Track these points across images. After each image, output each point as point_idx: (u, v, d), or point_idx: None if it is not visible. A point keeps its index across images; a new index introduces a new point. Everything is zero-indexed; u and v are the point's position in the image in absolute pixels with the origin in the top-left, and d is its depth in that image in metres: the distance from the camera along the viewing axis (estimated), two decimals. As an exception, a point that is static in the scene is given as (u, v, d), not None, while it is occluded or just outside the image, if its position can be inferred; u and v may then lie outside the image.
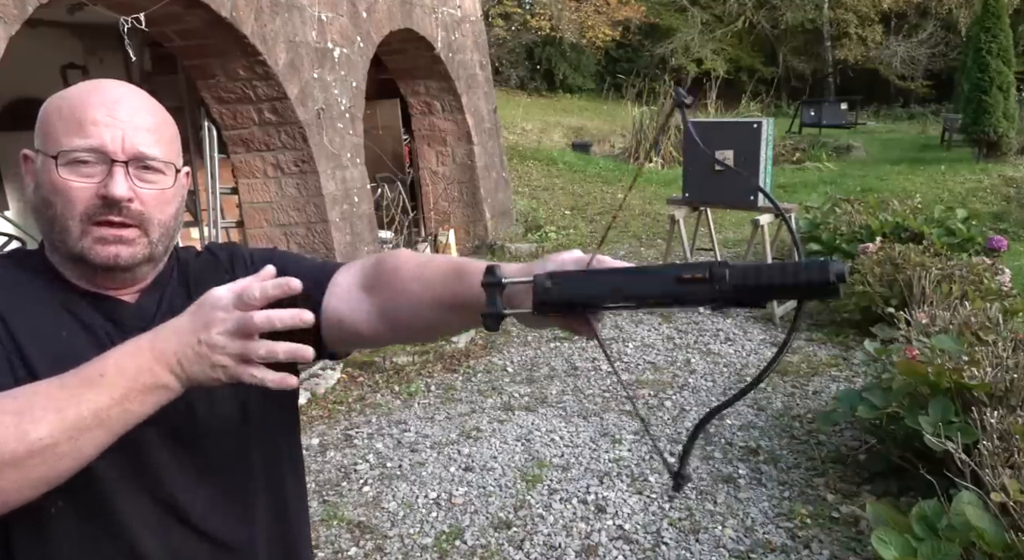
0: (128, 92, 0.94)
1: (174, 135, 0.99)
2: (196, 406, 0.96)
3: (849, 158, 14.24)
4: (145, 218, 0.92)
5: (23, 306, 0.92)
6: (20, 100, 6.61)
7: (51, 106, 0.94)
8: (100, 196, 0.89)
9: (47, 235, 0.95)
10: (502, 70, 19.90)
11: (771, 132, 5.47)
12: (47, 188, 0.91)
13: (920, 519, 2.36)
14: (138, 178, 0.92)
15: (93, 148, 0.89)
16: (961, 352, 3.11)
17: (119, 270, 0.94)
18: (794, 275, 0.65)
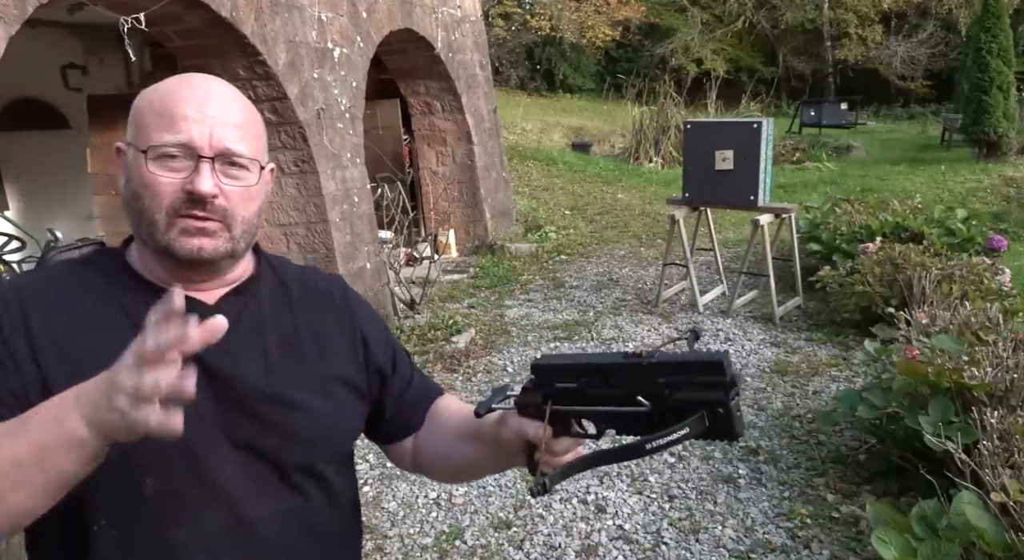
0: (219, 87, 0.95)
1: (261, 132, 1.00)
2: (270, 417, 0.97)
3: (849, 158, 14.24)
4: (228, 214, 0.93)
5: (70, 316, 0.92)
6: (20, 100, 6.61)
7: (144, 100, 0.94)
8: (186, 191, 0.90)
9: (136, 228, 0.96)
10: (502, 70, 19.89)
11: (771, 132, 5.46)
12: (137, 182, 0.93)
13: (920, 519, 2.36)
14: (224, 174, 0.92)
15: (181, 143, 0.90)
16: (961, 352, 3.11)
17: (202, 263, 0.94)
18: (707, 355, 0.81)
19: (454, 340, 5.17)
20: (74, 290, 0.96)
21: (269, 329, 1.01)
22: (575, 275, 7.08)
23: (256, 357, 0.98)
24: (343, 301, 1.11)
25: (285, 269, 1.10)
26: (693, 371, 0.78)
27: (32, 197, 6.88)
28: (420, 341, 5.19)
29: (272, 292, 1.05)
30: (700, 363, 0.78)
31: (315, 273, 1.15)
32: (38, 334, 0.90)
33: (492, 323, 5.73)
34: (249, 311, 1.00)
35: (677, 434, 0.76)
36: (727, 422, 0.76)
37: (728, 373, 0.76)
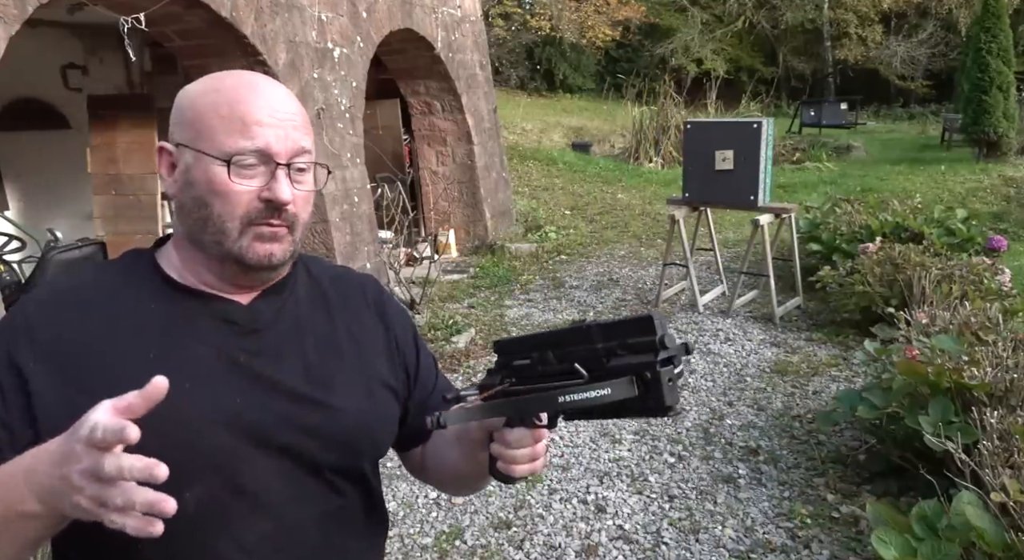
0: (279, 88, 0.93)
1: (313, 132, 0.99)
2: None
3: (849, 158, 14.24)
4: (296, 219, 0.92)
5: (95, 324, 0.90)
6: (20, 100, 6.61)
7: (203, 101, 0.91)
8: (263, 199, 0.89)
9: (196, 234, 0.92)
10: (502, 70, 19.89)
11: (771, 132, 5.46)
12: (203, 188, 0.89)
13: (920, 519, 2.36)
14: (294, 180, 0.91)
15: (259, 150, 0.88)
16: (961, 352, 3.11)
17: (270, 268, 0.93)
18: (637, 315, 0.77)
19: (454, 340, 5.18)
20: (100, 296, 0.92)
21: (307, 329, 0.99)
22: (575, 275, 7.08)
23: (295, 358, 0.96)
24: (376, 301, 1.10)
25: (320, 268, 1.09)
26: (626, 332, 0.74)
27: (32, 197, 6.88)
28: (420, 341, 5.18)
29: (308, 291, 1.03)
30: (630, 321, 0.74)
31: (348, 272, 1.13)
32: (38, 351, 0.87)
33: (492, 323, 5.73)
34: (286, 311, 0.99)
35: (596, 392, 0.72)
36: (656, 391, 0.71)
37: (657, 332, 0.72)
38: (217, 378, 0.90)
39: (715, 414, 4.04)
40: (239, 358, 0.92)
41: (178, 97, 0.95)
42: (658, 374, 0.71)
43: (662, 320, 0.73)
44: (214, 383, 0.89)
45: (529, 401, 0.80)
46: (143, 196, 5.99)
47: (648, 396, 0.72)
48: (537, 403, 0.79)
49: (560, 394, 0.74)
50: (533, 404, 0.79)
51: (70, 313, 0.90)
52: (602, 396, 0.72)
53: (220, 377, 0.90)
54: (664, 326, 0.73)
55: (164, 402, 0.79)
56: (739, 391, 4.34)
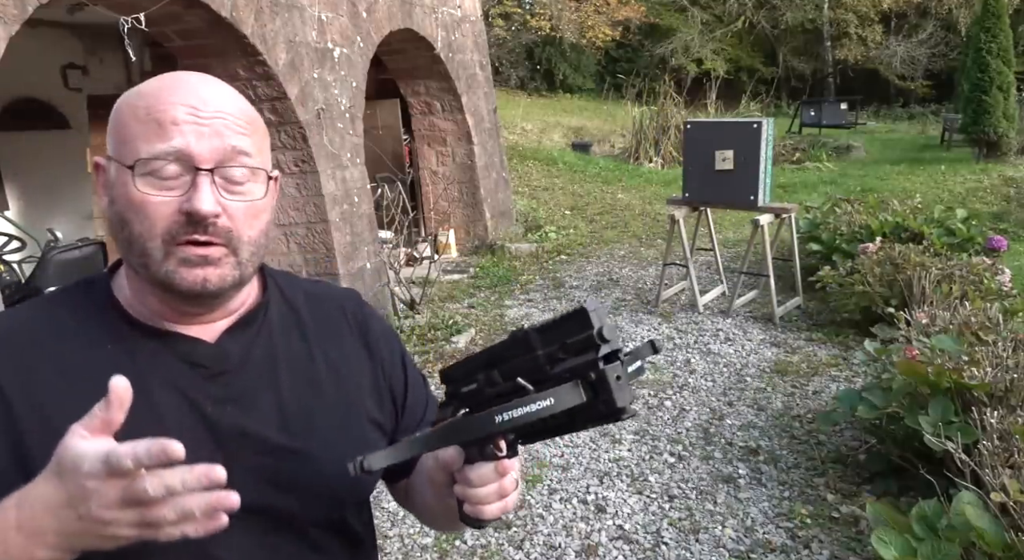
0: (213, 85, 0.81)
1: (265, 135, 0.85)
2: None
3: (849, 158, 14.24)
4: (233, 236, 0.79)
5: (61, 364, 0.80)
6: (20, 100, 6.61)
7: (125, 104, 0.80)
8: (183, 212, 0.76)
9: (126, 257, 0.82)
10: (502, 70, 19.89)
11: (771, 132, 5.46)
12: (122, 203, 0.78)
13: (920, 519, 2.36)
14: (225, 189, 0.78)
15: (175, 151, 0.76)
16: (961, 352, 3.11)
17: (207, 296, 0.80)
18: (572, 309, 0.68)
19: (454, 340, 5.18)
20: (50, 339, 0.81)
21: (282, 365, 0.88)
22: (575, 275, 7.08)
23: (268, 402, 0.86)
24: (358, 321, 0.98)
25: (294, 288, 0.96)
26: (562, 332, 0.65)
27: (32, 197, 6.88)
28: (420, 341, 5.19)
29: (282, 319, 0.91)
30: (564, 318, 0.65)
31: (327, 290, 1.01)
32: (11, 392, 0.77)
33: (492, 323, 5.73)
34: (259, 346, 0.87)
35: (537, 404, 0.63)
36: (605, 392, 0.62)
37: (594, 325, 0.63)
38: (182, 433, 0.74)
39: (715, 414, 4.04)
40: (206, 408, 0.82)
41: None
42: (603, 373, 0.62)
43: (599, 310, 0.64)
44: (178, 437, 0.74)
45: (457, 427, 0.70)
46: (143, 196, 5.98)
47: (597, 400, 0.63)
48: (469, 428, 0.68)
49: (496, 413, 0.65)
50: (464, 429, 0.69)
51: (19, 354, 0.80)
52: (544, 408, 0.63)
53: (185, 431, 0.77)
54: (602, 317, 0.64)
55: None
56: (739, 391, 4.34)
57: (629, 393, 0.63)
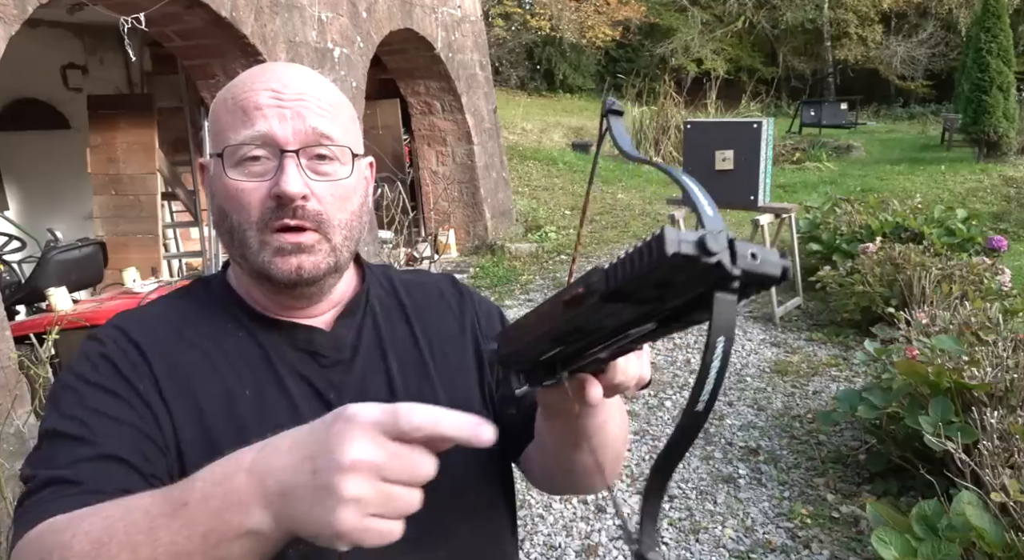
0: (297, 69, 0.82)
1: (352, 117, 0.84)
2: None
3: (849, 158, 14.24)
4: (323, 219, 0.78)
5: (187, 357, 0.80)
6: (20, 100, 6.61)
7: (218, 100, 0.81)
8: (273, 196, 0.76)
9: (229, 251, 0.82)
10: (502, 70, 19.88)
11: (771, 132, 5.46)
12: (220, 195, 0.79)
13: (920, 519, 2.36)
14: (312, 170, 0.77)
15: (259, 135, 0.76)
16: (961, 352, 3.11)
17: (302, 284, 0.80)
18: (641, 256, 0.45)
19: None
20: (184, 328, 0.82)
21: (389, 350, 0.88)
22: (575, 275, 7.07)
23: (380, 388, 0.85)
24: (456, 301, 0.97)
25: (392, 276, 0.96)
26: (657, 279, 0.46)
27: (32, 197, 6.88)
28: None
29: (383, 306, 0.91)
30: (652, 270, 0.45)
31: (423, 276, 1.01)
32: (160, 375, 0.78)
33: (492, 323, 5.73)
34: (366, 333, 0.87)
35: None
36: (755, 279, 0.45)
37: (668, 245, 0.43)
38: (312, 416, 0.72)
39: (715, 414, 4.04)
40: (329, 396, 0.82)
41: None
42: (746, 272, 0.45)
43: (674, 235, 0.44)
44: (310, 422, 0.75)
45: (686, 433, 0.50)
46: (143, 196, 5.99)
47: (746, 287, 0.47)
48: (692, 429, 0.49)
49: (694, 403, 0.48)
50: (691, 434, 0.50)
51: (167, 341, 0.80)
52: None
53: (315, 416, 0.72)
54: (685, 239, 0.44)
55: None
56: (739, 391, 4.34)
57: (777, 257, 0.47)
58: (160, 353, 0.79)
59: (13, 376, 2.86)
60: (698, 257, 0.43)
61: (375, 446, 0.50)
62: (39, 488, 0.70)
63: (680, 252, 0.43)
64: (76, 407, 0.74)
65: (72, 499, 0.66)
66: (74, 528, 0.59)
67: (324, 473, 0.49)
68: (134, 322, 0.82)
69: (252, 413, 0.78)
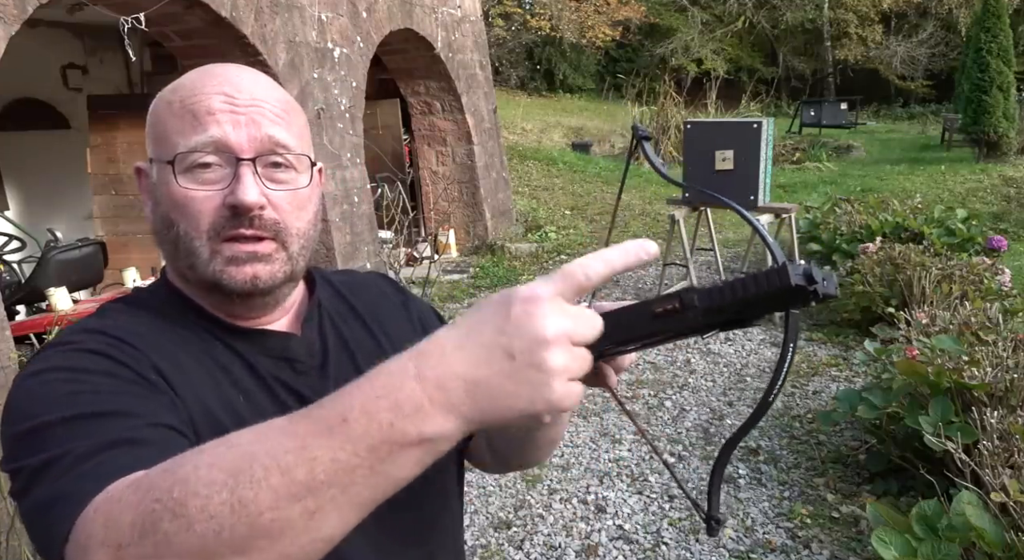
0: (248, 73, 0.78)
1: (305, 123, 0.82)
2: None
3: (849, 158, 14.24)
4: (281, 228, 0.76)
5: (175, 355, 0.75)
6: (20, 100, 6.61)
7: (160, 102, 0.77)
8: (228, 206, 0.73)
9: (172, 261, 0.79)
10: (502, 70, 19.89)
11: (771, 132, 5.47)
12: (166, 203, 0.75)
13: (920, 519, 2.36)
14: (268, 178, 0.75)
15: (212, 141, 0.73)
16: (961, 352, 3.11)
17: (258, 294, 0.77)
18: (756, 284, 0.57)
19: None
20: (162, 333, 0.77)
21: (356, 352, 0.87)
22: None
23: None
24: (402, 302, 0.97)
25: (328, 278, 0.94)
26: (759, 302, 0.58)
27: (32, 197, 6.88)
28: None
29: (335, 308, 0.90)
30: (770, 295, 0.56)
31: (360, 276, 1.00)
32: (163, 366, 0.73)
33: (492, 323, 5.73)
34: (331, 336, 0.86)
35: (787, 365, 0.60)
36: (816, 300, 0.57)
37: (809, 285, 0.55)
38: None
39: (715, 414, 4.04)
40: (307, 396, 0.79)
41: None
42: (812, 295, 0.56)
43: (796, 269, 0.56)
44: None
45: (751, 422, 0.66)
46: (143, 196, 5.99)
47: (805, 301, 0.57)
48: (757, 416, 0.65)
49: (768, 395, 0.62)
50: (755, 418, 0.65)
51: (153, 343, 0.74)
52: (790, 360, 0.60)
53: None
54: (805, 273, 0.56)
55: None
56: (739, 391, 4.34)
57: (833, 282, 0.57)
58: (154, 347, 0.73)
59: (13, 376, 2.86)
60: (806, 287, 0.55)
61: (563, 314, 0.51)
62: (94, 452, 0.61)
63: (799, 284, 0.55)
64: (85, 393, 0.66)
65: (149, 453, 0.59)
66: (190, 463, 0.52)
67: (527, 354, 0.49)
68: (106, 325, 0.75)
69: (252, 416, 0.73)
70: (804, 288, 0.55)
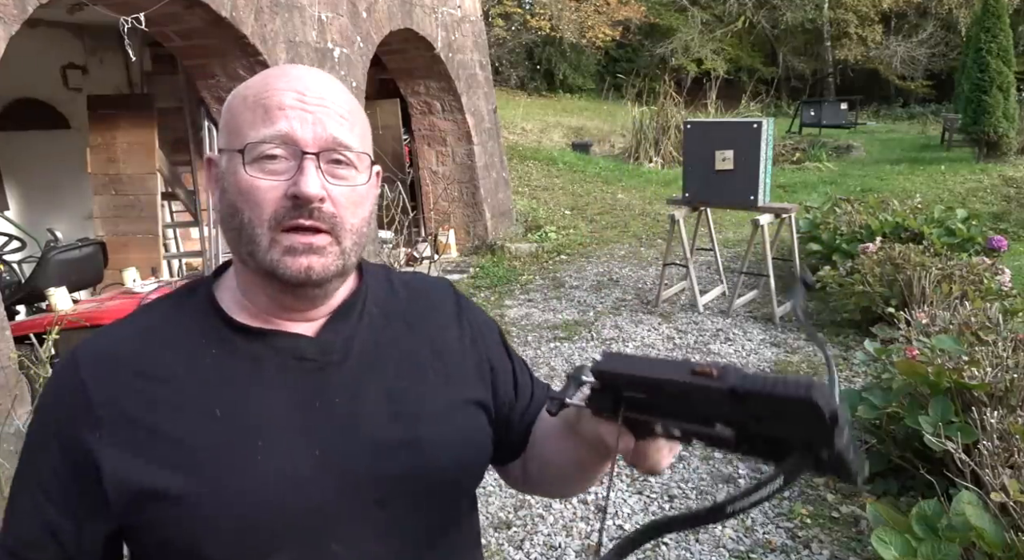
0: (318, 74, 0.83)
1: (367, 125, 0.86)
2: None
3: (849, 158, 14.24)
4: (337, 222, 0.79)
5: (167, 375, 0.80)
6: (20, 100, 6.61)
7: (235, 97, 0.82)
8: (290, 196, 0.77)
9: (236, 248, 0.81)
10: (502, 70, 19.89)
11: (771, 132, 5.46)
12: (233, 191, 0.79)
13: (920, 519, 2.36)
14: (329, 173, 0.79)
15: (280, 135, 0.77)
16: (961, 352, 3.11)
17: (310, 285, 0.80)
18: (785, 387, 0.58)
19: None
20: (152, 348, 0.82)
21: (386, 353, 0.88)
22: (575, 275, 7.08)
23: (376, 392, 0.85)
24: (456, 312, 0.97)
25: (392, 279, 0.96)
26: (778, 407, 0.59)
27: (32, 197, 6.88)
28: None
29: (382, 308, 0.91)
30: (787, 400, 0.58)
31: (423, 280, 1.01)
32: (103, 418, 0.78)
33: (492, 323, 5.72)
34: (361, 336, 0.87)
35: (768, 490, 0.60)
36: (838, 466, 0.58)
37: (825, 412, 0.56)
38: (292, 430, 0.80)
39: (715, 414, 4.04)
40: (314, 403, 0.82)
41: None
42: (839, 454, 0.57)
43: (823, 391, 0.56)
44: (291, 436, 0.79)
45: (700, 517, 0.66)
46: (143, 196, 5.99)
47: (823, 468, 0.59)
48: (708, 517, 0.65)
49: (728, 504, 0.62)
50: (703, 520, 0.66)
51: (124, 372, 0.80)
52: (774, 490, 0.60)
53: (296, 428, 0.80)
54: (828, 398, 0.56)
55: (239, 464, 0.77)
56: (739, 391, 4.34)
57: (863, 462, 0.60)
58: (112, 386, 0.79)
59: (13, 376, 2.87)
60: (823, 416, 0.56)
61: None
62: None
63: (815, 401, 0.55)
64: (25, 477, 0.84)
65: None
66: None
67: None
68: (91, 354, 0.82)
69: (223, 434, 0.78)
70: (820, 416, 0.55)
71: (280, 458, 0.78)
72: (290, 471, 0.78)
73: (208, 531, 0.76)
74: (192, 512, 0.75)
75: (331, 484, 0.79)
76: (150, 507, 0.76)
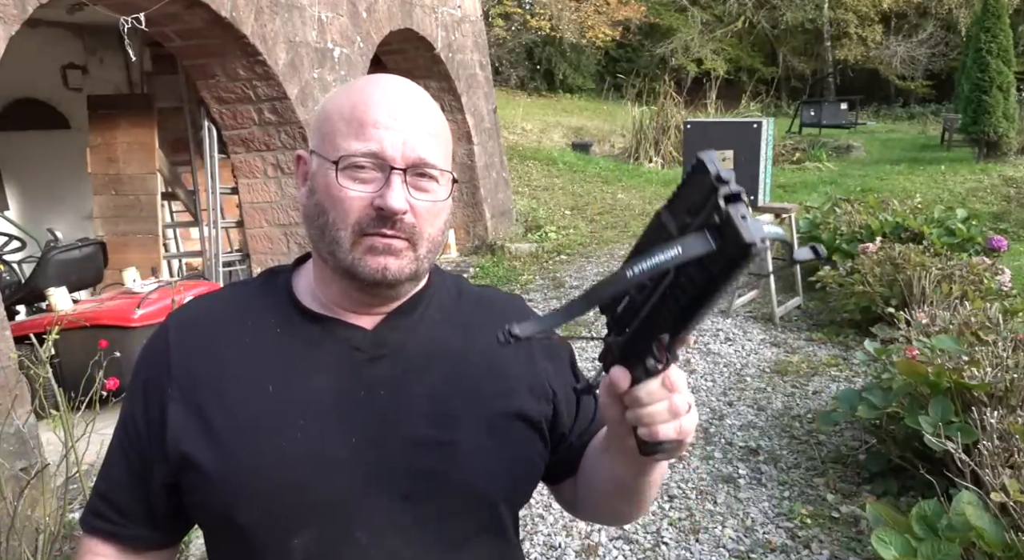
0: (412, 92, 0.87)
1: (449, 141, 0.91)
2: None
3: (849, 158, 14.24)
4: (416, 232, 0.84)
5: (237, 345, 0.89)
6: (20, 100, 6.61)
7: (332, 103, 0.87)
8: (375, 207, 0.82)
9: (317, 244, 0.87)
10: (502, 70, 19.88)
11: (771, 132, 5.47)
12: (322, 194, 0.85)
13: (920, 519, 2.36)
14: (414, 187, 0.84)
15: (372, 153, 0.82)
16: (961, 352, 3.11)
17: (385, 285, 0.85)
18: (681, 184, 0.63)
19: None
20: (230, 321, 0.91)
21: (438, 357, 0.91)
22: (575, 275, 7.08)
23: (420, 392, 0.88)
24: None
25: (462, 289, 1.00)
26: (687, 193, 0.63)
27: (32, 197, 6.88)
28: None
29: (445, 313, 0.95)
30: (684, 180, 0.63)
31: (494, 293, 1.05)
32: (177, 376, 0.88)
33: (492, 323, 5.72)
34: (417, 337, 0.91)
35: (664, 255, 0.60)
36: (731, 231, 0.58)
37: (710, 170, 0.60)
38: (335, 415, 0.85)
39: (715, 414, 4.04)
40: (359, 392, 0.86)
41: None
42: (724, 212, 0.59)
43: (711, 156, 0.61)
44: (331, 421, 0.85)
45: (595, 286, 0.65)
46: (143, 196, 5.99)
47: (725, 243, 0.59)
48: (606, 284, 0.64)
49: (626, 269, 0.62)
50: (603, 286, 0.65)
51: (201, 337, 0.90)
52: (672, 258, 0.60)
53: (338, 414, 0.85)
54: (715, 163, 0.61)
55: (276, 440, 0.82)
56: (739, 391, 4.34)
57: (758, 227, 0.58)
58: (190, 350, 0.89)
59: (13, 376, 2.86)
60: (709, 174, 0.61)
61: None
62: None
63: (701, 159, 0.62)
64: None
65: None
66: None
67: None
68: (179, 319, 0.93)
69: (273, 407, 0.85)
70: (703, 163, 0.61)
71: (317, 440, 0.84)
72: (324, 453, 0.83)
73: (240, 500, 0.82)
74: (223, 485, 0.83)
75: (361, 472, 0.84)
76: (189, 473, 0.84)
